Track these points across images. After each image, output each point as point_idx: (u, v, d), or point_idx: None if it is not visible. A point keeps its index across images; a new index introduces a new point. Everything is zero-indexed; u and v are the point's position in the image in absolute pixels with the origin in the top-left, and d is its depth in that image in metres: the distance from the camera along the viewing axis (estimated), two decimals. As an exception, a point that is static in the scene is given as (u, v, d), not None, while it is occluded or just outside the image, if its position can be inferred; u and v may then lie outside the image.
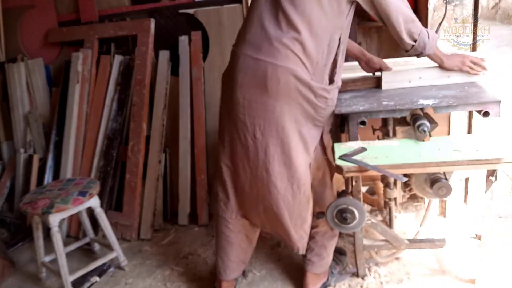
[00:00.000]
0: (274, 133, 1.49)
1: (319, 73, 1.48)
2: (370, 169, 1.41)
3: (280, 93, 1.44)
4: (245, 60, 1.47)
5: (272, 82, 1.43)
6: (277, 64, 1.42)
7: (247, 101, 1.48)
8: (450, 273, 1.82)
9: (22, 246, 2.49)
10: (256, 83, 1.45)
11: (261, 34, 1.45)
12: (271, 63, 1.42)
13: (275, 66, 1.42)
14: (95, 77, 2.60)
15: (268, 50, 1.43)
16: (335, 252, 1.94)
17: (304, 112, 1.49)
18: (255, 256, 2.10)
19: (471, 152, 1.46)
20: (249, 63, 1.46)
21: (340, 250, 2.01)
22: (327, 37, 1.46)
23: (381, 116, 1.60)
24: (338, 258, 1.92)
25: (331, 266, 1.86)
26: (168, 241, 2.36)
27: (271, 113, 1.47)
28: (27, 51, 2.80)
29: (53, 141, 2.62)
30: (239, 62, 1.49)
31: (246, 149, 1.54)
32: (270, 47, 1.43)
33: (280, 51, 1.42)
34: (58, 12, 2.73)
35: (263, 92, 1.45)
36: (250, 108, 1.48)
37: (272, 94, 1.44)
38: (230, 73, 1.53)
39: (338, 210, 1.53)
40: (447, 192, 1.55)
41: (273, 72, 1.42)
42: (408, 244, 1.74)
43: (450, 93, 1.64)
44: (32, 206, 1.87)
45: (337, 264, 1.89)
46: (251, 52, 1.46)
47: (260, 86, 1.45)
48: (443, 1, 1.96)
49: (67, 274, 1.91)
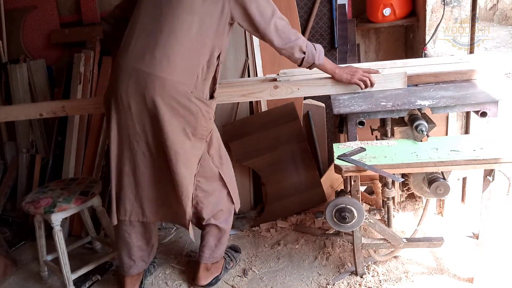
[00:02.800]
0: (160, 141, 1.54)
1: (200, 87, 1.53)
2: (367, 169, 1.43)
3: (162, 104, 1.47)
4: (129, 70, 1.50)
5: (155, 93, 1.46)
6: (158, 75, 1.46)
7: (131, 111, 1.52)
8: (448, 271, 1.83)
9: (24, 245, 2.50)
10: (140, 93, 1.49)
11: (145, 46, 1.50)
12: (152, 74, 1.46)
13: (156, 77, 1.46)
14: (97, 78, 2.62)
15: (150, 61, 1.47)
16: (231, 249, 2.07)
17: (187, 123, 1.53)
18: (255, 255, 2.12)
19: (469, 152, 1.48)
20: (132, 73, 1.49)
21: (235, 247, 2.12)
22: (207, 54, 1.52)
23: (379, 116, 1.62)
24: (233, 255, 2.03)
25: (226, 262, 1.96)
26: (169, 240, 2.38)
27: (155, 123, 1.51)
28: (30, 52, 2.82)
29: (56, 141, 2.64)
30: (122, 73, 1.52)
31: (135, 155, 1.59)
32: (153, 59, 1.47)
33: (162, 62, 1.46)
34: (60, 13, 2.75)
35: (146, 102, 1.49)
36: (135, 117, 1.53)
37: (153, 104, 1.48)
38: (113, 84, 1.56)
39: (337, 209, 1.55)
40: (445, 191, 1.56)
41: (155, 83, 1.46)
42: (406, 243, 1.75)
43: (447, 93, 1.66)
44: (35, 206, 1.89)
45: (231, 260, 2.00)
46: (133, 62, 1.50)
47: (143, 96, 1.48)
48: (441, 3, 1.98)
49: (69, 273, 1.93)
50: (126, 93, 1.50)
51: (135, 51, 1.51)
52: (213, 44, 1.52)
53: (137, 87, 1.49)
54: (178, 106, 1.50)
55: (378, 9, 2.20)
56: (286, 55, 1.61)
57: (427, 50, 2.05)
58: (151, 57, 1.47)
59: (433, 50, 2.05)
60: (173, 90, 1.48)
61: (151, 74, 1.46)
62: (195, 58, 1.51)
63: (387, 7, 2.18)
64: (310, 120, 2.45)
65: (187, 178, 1.59)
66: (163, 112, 1.48)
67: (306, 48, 1.59)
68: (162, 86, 1.47)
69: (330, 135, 2.53)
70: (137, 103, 1.50)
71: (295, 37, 1.57)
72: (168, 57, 1.47)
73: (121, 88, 1.51)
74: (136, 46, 1.51)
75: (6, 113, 2.07)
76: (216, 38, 1.53)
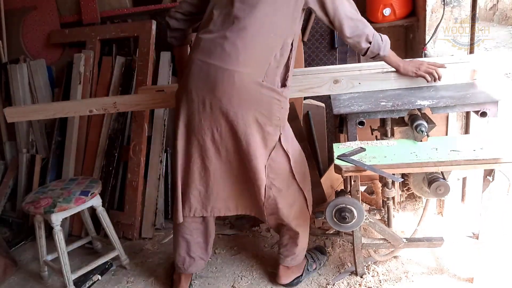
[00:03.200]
0: (229, 134, 1.54)
1: (271, 75, 1.51)
2: (367, 169, 1.43)
3: (233, 96, 1.47)
4: (199, 65, 1.51)
5: (224, 86, 1.46)
6: (228, 68, 1.46)
7: (202, 105, 1.52)
8: (448, 271, 1.83)
9: (25, 245, 2.51)
10: (209, 87, 1.48)
11: (215, 40, 1.49)
12: (222, 67, 1.46)
13: (227, 70, 1.46)
14: (97, 78, 2.62)
15: (220, 54, 1.47)
16: (317, 250, 2.00)
17: (259, 114, 1.52)
18: (255, 255, 2.12)
19: (469, 152, 1.47)
20: (202, 68, 1.50)
21: (322, 249, 2.05)
22: (281, 41, 1.50)
23: (379, 116, 1.62)
24: (317, 257, 1.97)
25: (308, 263, 1.91)
26: (169, 240, 2.37)
27: (226, 116, 1.50)
28: (30, 52, 2.82)
29: (56, 141, 2.64)
30: (192, 67, 1.52)
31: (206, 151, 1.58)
32: (222, 52, 1.46)
33: (231, 55, 1.45)
34: (60, 13, 2.75)
35: (216, 96, 1.48)
36: (205, 112, 1.52)
37: (226, 97, 1.47)
38: (184, 79, 1.56)
39: (337, 209, 1.55)
40: (445, 191, 1.56)
41: (225, 76, 1.46)
42: (406, 243, 1.75)
43: (447, 93, 1.66)
44: (35, 206, 1.89)
45: (314, 262, 1.94)
46: (204, 57, 1.50)
47: (213, 90, 1.48)
48: (441, 3, 1.98)
49: (69, 273, 1.93)
50: (197, 87, 1.51)
51: (206, 45, 1.51)
52: (287, 31, 1.50)
53: (208, 81, 1.48)
54: (249, 98, 1.48)
55: (378, 9, 2.20)
56: (352, 44, 1.59)
57: (427, 50, 2.05)
58: (221, 51, 1.47)
59: (433, 50, 2.04)
60: (244, 82, 1.46)
61: (221, 68, 1.46)
62: (268, 47, 1.49)
63: (387, 7, 2.18)
64: (310, 120, 2.45)
65: (259, 169, 1.56)
66: (234, 105, 1.48)
67: (373, 38, 1.57)
68: (232, 79, 1.46)
69: (330, 135, 2.53)
70: (208, 97, 1.50)
71: (363, 26, 1.55)
72: (238, 49, 1.45)
73: (192, 82, 1.52)
74: (207, 40, 1.51)
75: (55, 110, 2.06)
76: (290, 25, 1.50)
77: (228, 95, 1.47)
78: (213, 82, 1.48)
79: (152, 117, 2.53)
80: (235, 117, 1.50)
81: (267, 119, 1.53)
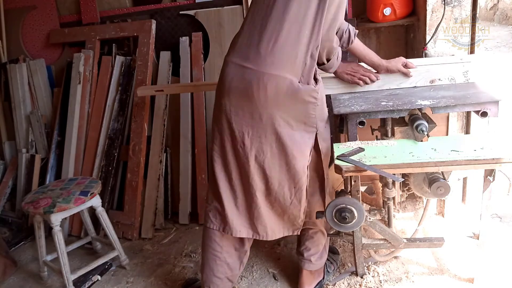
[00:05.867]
0: (263, 139, 1.48)
1: (307, 74, 1.47)
2: (367, 169, 1.43)
3: (268, 100, 1.43)
4: (234, 68, 1.48)
5: (259, 90, 1.43)
6: (262, 71, 1.42)
7: (233, 108, 1.48)
8: (449, 272, 1.83)
9: (24, 245, 2.51)
10: (243, 91, 1.45)
11: (249, 43, 1.47)
12: (257, 70, 1.43)
13: (260, 73, 1.42)
14: (97, 78, 2.62)
15: (255, 58, 1.44)
16: (329, 251, 1.96)
17: (295, 115, 1.48)
18: (255, 255, 2.12)
19: (469, 152, 1.47)
20: (236, 71, 1.47)
21: (333, 249, 2.04)
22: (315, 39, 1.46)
23: (380, 116, 1.62)
24: (332, 257, 1.96)
25: (326, 265, 1.88)
26: (169, 240, 2.38)
27: (259, 120, 1.46)
28: (29, 51, 2.82)
29: (55, 141, 2.64)
30: (226, 70, 1.50)
31: (236, 157, 1.53)
32: (257, 55, 1.43)
33: (266, 58, 1.42)
34: (59, 13, 2.75)
35: (249, 100, 1.45)
36: (237, 115, 1.48)
37: (260, 101, 1.44)
38: (220, 82, 1.54)
39: (337, 209, 1.54)
40: (445, 191, 1.56)
41: (260, 80, 1.42)
42: (406, 243, 1.75)
43: (448, 93, 1.65)
44: (34, 206, 1.89)
45: (331, 263, 1.92)
46: (239, 60, 1.47)
47: (246, 94, 1.45)
48: (442, 2, 1.97)
49: (68, 273, 1.93)
50: (232, 91, 1.47)
51: (241, 49, 1.49)
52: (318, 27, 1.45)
53: (242, 85, 1.45)
54: (284, 100, 1.44)
55: (379, 8, 2.19)
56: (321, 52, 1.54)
57: (428, 50, 2.04)
58: (255, 54, 1.44)
59: (434, 50, 2.04)
60: (280, 85, 1.42)
61: (256, 71, 1.43)
62: (304, 47, 1.44)
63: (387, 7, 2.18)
64: (310, 120, 2.44)
65: (300, 171, 1.52)
66: (271, 108, 1.44)
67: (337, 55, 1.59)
68: (267, 82, 1.42)
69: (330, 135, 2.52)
70: (244, 102, 1.46)
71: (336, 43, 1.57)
72: (273, 52, 1.42)
73: (227, 86, 1.49)
74: (243, 43, 1.49)
75: None
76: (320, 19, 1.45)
77: (263, 100, 1.43)
78: (248, 87, 1.44)
79: (151, 117, 2.53)
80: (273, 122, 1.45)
81: (303, 118, 1.49)
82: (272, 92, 1.42)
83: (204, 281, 1.70)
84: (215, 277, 1.67)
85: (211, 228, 1.63)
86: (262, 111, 1.45)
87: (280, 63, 1.42)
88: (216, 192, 1.59)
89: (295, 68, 1.44)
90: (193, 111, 2.50)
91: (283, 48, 1.42)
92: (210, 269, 1.67)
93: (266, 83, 1.42)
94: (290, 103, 1.45)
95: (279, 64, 1.42)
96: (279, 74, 1.42)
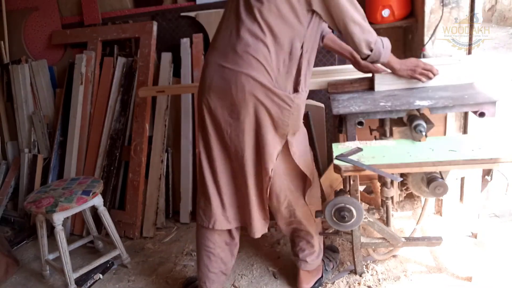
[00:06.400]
0: (241, 138, 1.52)
1: (281, 81, 1.49)
2: (366, 169, 1.44)
3: (245, 100, 1.46)
4: (213, 67, 1.51)
5: (237, 89, 1.45)
6: (240, 71, 1.44)
7: (214, 107, 1.51)
8: (447, 270, 1.84)
9: (26, 244, 2.52)
10: (222, 89, 1.48)
11: (227, 42, 1.49)
12: (235, 70, 1.45)
13: (238, 73, 1.45)
14: (99, 79, 2.63)
15: (233, 57, 1.46)
16: (328, 249, 1.99)
17: (269, 118, 1.50)
18: (255, 254, 2.13)
19: (467, 152, 1.48)
20: (216, 70, 1.49)
21: (332, 247, 2.05)
22: (287, 45, 1.47)
23: (378, 116, 1.63)
24: (331, 256, 1.97)
25: (325, 263, 1.90)
26: (170, 239, 2.39)
27: (236, 119, 1.50)
28: (31, 52, 2.84)
29: (57, 141, 2.66)
30: (207, 70, 1.53)
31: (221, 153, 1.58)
32: (235, 55, 1.46)
33: (243, 58, 1.44)
34: (61, 14, 2.77)
35: (228, 98, 1.48)
36: (218, 113, 1.52)
37: (237, 100, 1.47)
38: (201, 81, 1.56)
39: (336, 208, 1.56)
40: (443, 191, 1.57)
41: (237, 79, 1.45)
42: (405, 242, 1.76)
43: (446, 94, 1.67)
44: (36, 205, 1.91)
45: (330, 261, 1.94)
46: (219, 59, 1.49)
47: (225, 92, 1.48)
48: (440, 4, 1.99)
49: (70, 272, 1.95)
50: (212, 90, 1.50)
51: (220, 48, 1.51)
52: (293, 34, 1.47)
53: (222, 84, 1.48)
54: (261, 101, 1.47)
55: (377, 10, 2.20)
56: (353, 48, 1.56)
57: (426, 51, 2.05)
58: (233, 53, 1.46)
59: (432, 51, 2.05)
60: (255, 85, 1.45)
61: (233, 71, 1.45)
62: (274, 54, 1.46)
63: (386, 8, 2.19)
64: (310, 120, 2.46)
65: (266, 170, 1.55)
66: (248, 109, 1.47)
67: (375, 45, 1.54)
68: (244, 81, 1.44)
69: (329, 135, 2.54)
70: (223, 100, 1.49)
71: (367, 32, 1.52)
72: (249, 52, 1.44)
73: (207, 85, 1.51)
74: (221, 42, 1.51)
75: None
76: (295, 28, 1.47)
77: (242, 99, 1.46)
78: (228, 85, 1.47)
79: (153, 117, 2.55)
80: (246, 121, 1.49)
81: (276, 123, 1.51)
82: (249, 92, 1.45)
83: (200, 277, 1.75)
84: (210, 272, 1.73)
85: (202, 225, 1.68)
86: (240, 110, 1.48)
87: (257, 64, 1.44)
88: (204, 189, 1.64)
89: (269, 71, 1.46)
90: (194, 111, 2.52)
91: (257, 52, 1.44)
92: (205, 266, 1.73)
93: (244, 82, 1.44)
94: (266, 104, 1.48)
95: (256, 66, 1.44)
96: (255, 75, 1.44)
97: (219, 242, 1.71)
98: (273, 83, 1.47)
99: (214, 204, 1.63)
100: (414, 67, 1.70)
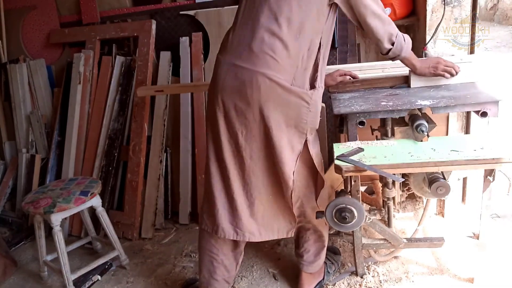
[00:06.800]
0: (257, 138, 1.48)
1: (300, 78, 1.45)
2: (367, 169, 1.43)
3: (261, 99, 1.42)
4: (226, 67, 1.47)
5: (252, 89, 1.41)
6: (256, 71, 1.40)
7: (228, 107, 1.47)
8: (449, 272, 1.83)
9: (24, 245, 2.51)
10: (237, 90, 1.44)
11: (242, 41, 1.45)
12: (250, 69, 1.41)
13: (254, 72, 1.40)
14: (97, 78, 2.62)
15: (248, 56, 1.42)
16: (330, 251, 1.96)
17: (287, 117, 1.46)
18: (255, 255, 2.12)
19: (469, 152, 1.47)
20: (230, 70, 1.45)
21: (334, 249, 2.03)
22: (308, 41, 1.43)
23: (380, 116, 1.61)
24: (333, 258, 1.95)
25: (327, 265, 1.88)
26: (169, 240, 2.38)
27: (252, 120, 1.46)
28: (29, 51, 2.83)
29: (55, 141, 2.64)
30: (219, 69, 1.49)
31: (233, 156, 1.52)
32: (250, 53, 1.42)
33: (259, 57, 1.40)
34: (59, 13, 2.75)
35: (243, 98, 1.43)
36: (231, 114, 1.47)
37: (253, 101, 1.42)
38: (212, 81, 1.52)
39: (337, 209, 1.54)
40: (445, 191, 1.56)
41: (253, 79, 1.41)
42: (406, 243, 1.75)
43: (448, 93, 1.65)
44: (34, 206, 1.89)
45: (332, 264, 1.91)
46: (232, 59, 1.45)
47: (240, 92, 1.43)
48: (442, 2, 1.97)
49: (68, 273, 1.93)
50: (225, 90, 1.45)
51: (233, 46, 1.47)
52: (312, 29, 1.43)
53: (235, 84, 1.44)
54: (278, 100, 1.43)
55: (378, 9, 2.20)
56: (374, 42, 1.54)
57: (427, 50, 2.04)
58: (248, 52, 1.42)
59: (434, 50, 2.04)
60: (272, 85, 1.41)
61: (249, 70, 1.41)
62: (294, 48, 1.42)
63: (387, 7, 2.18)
64: (310, 120, 2.44)
65: (286, 174, 1.50)
66: (264, 109, 1.43)
67: (396, 39, 1.52)
68: (261, 81, 1.40)
69: (330, 135, 2.52)
70: (237, 101, 1.45)
71: (388, 25, 1.49)
72: (265, 50, 1.40)
73: (220, 85, 1.47)
74: (234, 40, 1.47)
75: None
76: (315, 23, 1.43)
77: (258, 99, 1.42)
78: (242, 85, 1.43)
79: (151, 117, 2.53)
80: (267, 121, 1.44)
81: (294, 122, 1.47)
82: (265, 91, 1.41)
83: (202, 283, 1.70)
84: (213, 279, 1.67)
85: (205, 229, 1.63)
86: (255, 111, 1.44)
87: (273, 63, 1.40)
88: (210, 193, 1.58)
89: (287, 69, 1.42)
90: (193, 111, 2.50)
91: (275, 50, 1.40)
92: (207, 272, 1.67)
93: (260, 82, 1.40)
94: (283, 104, 1.44)
95: (272, 64, 1.40)
96: (272, 75, 1.40)
97: (224, 249, 1.65)
98: (290, 81, 1.43)
99: (220, 211, 1.56)
100: (436, 63, 1.68)
